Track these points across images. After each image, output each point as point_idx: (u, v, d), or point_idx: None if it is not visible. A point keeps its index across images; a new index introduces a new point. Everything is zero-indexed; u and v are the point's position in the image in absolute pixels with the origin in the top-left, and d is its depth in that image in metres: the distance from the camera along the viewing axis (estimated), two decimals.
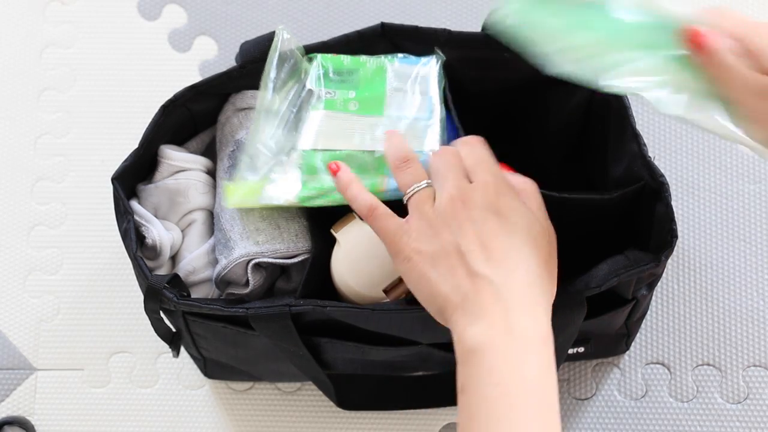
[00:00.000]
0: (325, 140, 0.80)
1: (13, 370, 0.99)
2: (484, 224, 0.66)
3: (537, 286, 0.66)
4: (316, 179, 0.78)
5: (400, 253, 0.68)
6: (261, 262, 0.79)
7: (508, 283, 0.65)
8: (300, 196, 0.78)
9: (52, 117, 1.06)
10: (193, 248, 0.83)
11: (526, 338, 0.63)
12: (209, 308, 0.77)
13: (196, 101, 0.84)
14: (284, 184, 0.79)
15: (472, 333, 0.64)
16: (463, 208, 0.67)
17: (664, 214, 0.77)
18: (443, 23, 1.06)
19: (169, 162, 0.84)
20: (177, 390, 0.98)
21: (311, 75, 0.83)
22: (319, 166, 0.79)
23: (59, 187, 1.04)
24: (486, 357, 0.63)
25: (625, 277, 0.75)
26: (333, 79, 0.83)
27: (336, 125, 0.81)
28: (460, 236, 0.66)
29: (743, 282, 0.98)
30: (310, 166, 0.79)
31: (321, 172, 0.79)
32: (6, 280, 1.02)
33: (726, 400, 0.95)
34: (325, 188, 0.78)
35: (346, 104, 0.82)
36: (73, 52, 1.08)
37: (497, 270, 0.65)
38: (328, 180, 0.78)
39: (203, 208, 0.85)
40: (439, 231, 0.67)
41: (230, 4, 1.09)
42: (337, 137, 0.80)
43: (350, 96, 0.82)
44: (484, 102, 0.90)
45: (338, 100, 0.82)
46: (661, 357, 0.96)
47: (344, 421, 0.96)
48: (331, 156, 0.79)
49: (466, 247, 0.65)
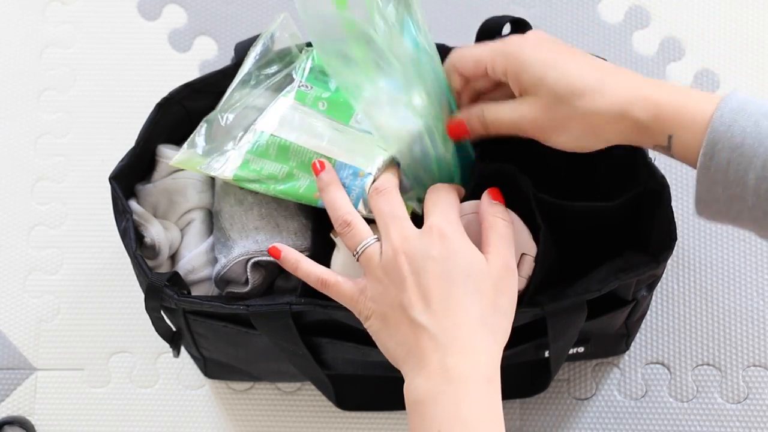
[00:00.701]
0: (280, 127, 0.80)
1: (13, 370, 0.99)
2: (423, 274, 0.67)
3: (479, 327, 0.67)
4: (258, 162, 0.78)
5: (360, 314, 0.71)
6: (260, 260, 0.79)
7: (446, 329, 0.66)
8: (236, 174, 0.78)
9: (52, 117, 1.06)
10: (192, 247, 0.83)
11: (465, 382, 0.65)
12: (210, 305, 0.77)
13: (192, 99, 0.84)
14: (229, 158, 0.79)
15: (414, 385, 0.66)
16: (405, 260, 0.68)
17: (665, 216, 0.76)
18: (443, 23, 1.06)
19: (167, 161, 0.84)
20: (177, 390, 0.98)
21: (298, 64, 0.83)
22: (266, 150, 0.79)
23: (59, 187, 1.04)
24: (427, 407, 0.65)
25: (624, 279, 0.75)
26: (317, 77, 0.83)
27: (298, 118, 0.80)
28: (402, 290, 0.67)
29: (743, 282, 0.98)
30: (258, 148, 0.79)
31: (265, 157, 0.78)
32: (6, 280, 1.02)
33: (726, 400, 0.95)
34: (264, 174, 0.78)
35: (316, 102, 0.82)
36: (73, 52, 1.08)
37: (435, 318, 0.66)
38: (270, 167, 0.78)
39: (202, 207, 0.85)
40: (386, 288, 0.68)
41: (230, 4, 1.09)
42: (294, 129, 0.80)
43: (323, 95, 0.82)
44: None
45: (310, 95, 0.82)
46: (661, 357, 0.96)
47: (344, 421, 0.96)
48: (280, 145, 0.79)
49: (407, 301, 0.67)
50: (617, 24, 1.06)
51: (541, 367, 0.88)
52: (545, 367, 0.87)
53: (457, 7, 1.07)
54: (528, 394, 0.93)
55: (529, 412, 0.95)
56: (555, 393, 0.95)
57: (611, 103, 0.66)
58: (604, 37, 1.05)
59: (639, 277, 0.76)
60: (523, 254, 0.75)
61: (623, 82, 0.67)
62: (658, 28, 1.05)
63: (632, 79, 0.67)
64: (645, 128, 0.66)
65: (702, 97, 0.65)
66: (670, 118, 0.64)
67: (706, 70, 1.04)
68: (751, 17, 1.05)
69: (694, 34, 1.05)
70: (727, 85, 1.03)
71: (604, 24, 1.06)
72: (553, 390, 0.95)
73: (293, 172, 0.78)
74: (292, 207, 0.81)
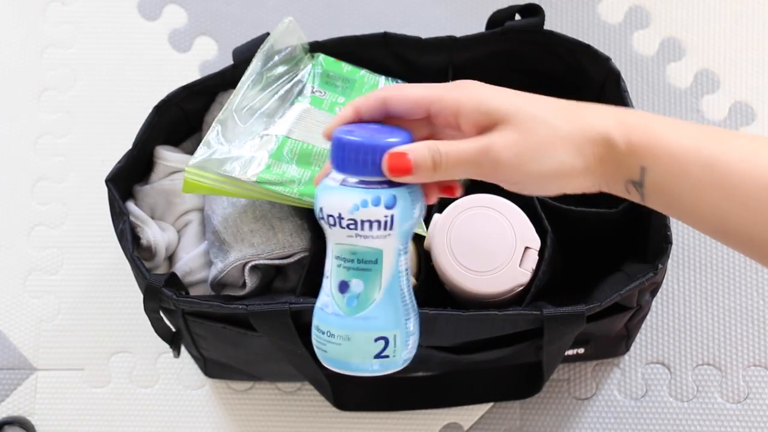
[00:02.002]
0: (300, 132, 0.80)
1: (13, 370, 0.99)
2: None
3: None
4: (279, 166, 0.78)
5: None
6: (258, 263, 0.79)
7: None
8: (259, 176, 0.77)
9: (52, 117, 1.06)
10: (189, 249, 0.83)
11: None
12: (209, 305, 0.77)
13: (190, 101, 0.84)
14: (251, 161, 0.78)
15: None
16: None
17: (659, 221, 0.77)
18: (443, 23, 1.06)
19: (165, 163, 0.84)
20: (177, 390, 0.98)
21: (308, 70, 0.83)
22: (285, 154, 0.78)
23: (59, 187, 1.04)
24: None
25: (626, 293, 0.75)
26: (328, 81, 0.83)
27: (316, 122, 0.81)
28: None
29: (743, 282, 0.97)
30: (280, 152, 0.78)
31: (284, 161, 0.78)
32: (6, 280, 1.02)
33: (726, 399, 0.95)
34: (286, 178, 0.77)
35: (333, 107, 0.82)
36: (73, 52, 1.08)
37: None
38: (292, 171, 0.77)
39: (199, 208, 0.85)
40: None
41: (230, 4, 1.09)
42: (313, 133, 0.80)
43: (339, 101, 0.82)
44: None
45: (326, 101, 0.82)
46: (661, 357, 0.96)
47: (344, 422, 0.96)
48: (302, 149, 0.79)
49: None
50: (617, 24, 1.06)
51: (537, 369, 0.88)
52: (540, 369, 0.87)
53: (458, 6, 1.06)
54: (522, 396, 0.93)
55: (529, 412, 0.95)
56: (555, 393, 0.95)
57: (593, 123, 0.59)
58: (604, 37, 1.05)
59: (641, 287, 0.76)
60: (526, 248, 0.76)
61: (602, 109, 0.61)
62: (658, 28, 1.05)
63: (610, 108, 0.62)
64: (619, 156, 0.59)
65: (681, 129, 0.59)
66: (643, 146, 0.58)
67: (706, 70, 1.04)
68: (751, 17, 1.05)
69: (694, 34, 1.05)
70: (728, 85, 1.03)
71: (604, 24, 1.06)
72: (553, 390, 0.95)
73: (316, 176, 0.78)
74: (287, 208, 0.81)
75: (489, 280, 0.76)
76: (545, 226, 0.78)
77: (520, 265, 0.76)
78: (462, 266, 0.76)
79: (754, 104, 1.03)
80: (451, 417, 0.95)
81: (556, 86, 0.86)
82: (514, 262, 0.76)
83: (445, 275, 0.77)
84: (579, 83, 0.85)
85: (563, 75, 0.85)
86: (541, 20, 0.83)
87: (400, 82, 0.86)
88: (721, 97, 1.03)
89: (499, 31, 0.83)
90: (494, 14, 0.84)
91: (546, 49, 0.84)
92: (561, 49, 0.84)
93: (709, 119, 1.02)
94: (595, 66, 0.83)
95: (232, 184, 0.77)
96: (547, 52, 0.84)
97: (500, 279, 0.76)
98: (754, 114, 1.02)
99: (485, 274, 0.76)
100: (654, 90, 1.03)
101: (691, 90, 1.03)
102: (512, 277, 0.76)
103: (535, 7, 0.83)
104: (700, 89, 1.03)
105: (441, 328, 0.76)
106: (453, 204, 0.77)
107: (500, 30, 0.83)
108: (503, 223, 0.76)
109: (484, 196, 0.77)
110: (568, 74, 0.85)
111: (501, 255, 0.76)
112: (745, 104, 1.03)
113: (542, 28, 0.83)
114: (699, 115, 1.02)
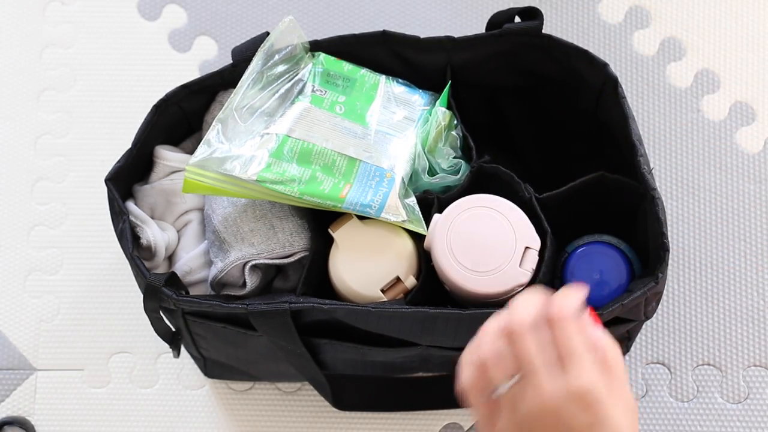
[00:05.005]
0: (300, 131, 0.80)
1: (13, 370, 0.99)
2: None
3: None
4: (280, 165, 0.78)
5: None
6: (258, 263, 0.79)
7: None
8: (260, 175, 0.76)
9: (52, 117, 1.06)
10: (189, 248, 0.83)
11: None
12: (209, 304, 0.77)
13: (189, 100, 0.84)
14: (251, 159, 0.78)
15: None
16: (554, 424, 0.58)
17: (656, 229, 0.76)
18: (443, 23, 1.06)
19: (165, 162, 0.84)
20: (177, 390, 0.98)
21: (308, 69, 0.83)
22: (286, 153, 0.78)
23: (59, 187, 1.04)
24: None
25: (629, 304, 0.75)
26: (329, 80, 0.83)
27: (316, 121, 0.81)
28: None
29: (743, 282, 0.97)
30: (280, 151, 0.78)
31: (285, 160, 0.78)
32: (6, 280, 1.02)
33: (726, 400, 0.95)
34: (286, 177, 0.77)
35: (333, 106, 0.82)
36: (73, 52, 1.08)
37: None
38: (293, 170, 0.77)
39: (199, 208, 0.85)
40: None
41: (230, 4, 1.09)
42: (314, 132, 0.80)
43: (339, 100, 0.82)
44: (493, 105, 0.91)
45: (326, 100, 0.82)
46: (661, 357, 0.96)
47: (344, 422, 0.96)
48: (302, 148, 0.79)
49: None
50: (617, 24, 1.06)
51: None
52: None
53: (458, 6, 1.06)
54: None
55: None
56: None
57: None
58: (604, 37, 1.05)
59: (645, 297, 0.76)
60: (526, 248, 0.76)
61: None
62: (658, 28, 1.05)
63: None
64: None
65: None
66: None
67: (706, 70, 1.04)
68: (751, 17, 1.05)
69: (694, 34, 1.05)
70: (728, 85, 1.03)
71: (604, 24, 1.06)
72: None
73: (316, 174, 0.78)
74: (287, 207, 0.81)
75: (489, 280, 0.76)
76: (545, 227, 0.78)
77: (520, 265, 0.76)
78: (462, 266, 0.76)
79: (754, 104, 1.03)
80: (451, 417, 0.95)
81: (554, 90, 0.87)
82: (514, 262, 0.76)
83: (445, 275, 0.77)
84: (577, 87, 0.85)
85: (561, 79, 0.85)
86: (540, 23, 0.83)
87: (400, 80, 0.86)
88: (721, 97, 1.03)
89: (497, 32, 0.83)
90: (494, 16, 0.84)
91: (544, 53, 0.84)
92: (559, 53, 0.84)
93: (709, 119, 1.02)
94: (593, 71, 0.83)
95: (232, 183, 0.77)
96: (545, 55, 0.84)
97: (500, 279, 0.76)
98: (754, 114, 1.02)
99: (485, 274, 0.76)
100: (654, 90, 1.03)
101: (691, 90, 1.03)
102: (512, 277, 0.76)
103: (534, 10, 0.83)
104: (700, 89, 1.03)
105: (441, 327, 0.76)
106: (453, 204, 0.78)
107: (498, 32, 0.83)
108: (503, 223, 0.76)
109: (484, 196, 0.77)
110: (566, 78, 0.85)
111: (501, 255, 0.76)
112: (745, 104, 1.03)
113: (541, 31, 0.83)
114: (699, 115, 1.02)
